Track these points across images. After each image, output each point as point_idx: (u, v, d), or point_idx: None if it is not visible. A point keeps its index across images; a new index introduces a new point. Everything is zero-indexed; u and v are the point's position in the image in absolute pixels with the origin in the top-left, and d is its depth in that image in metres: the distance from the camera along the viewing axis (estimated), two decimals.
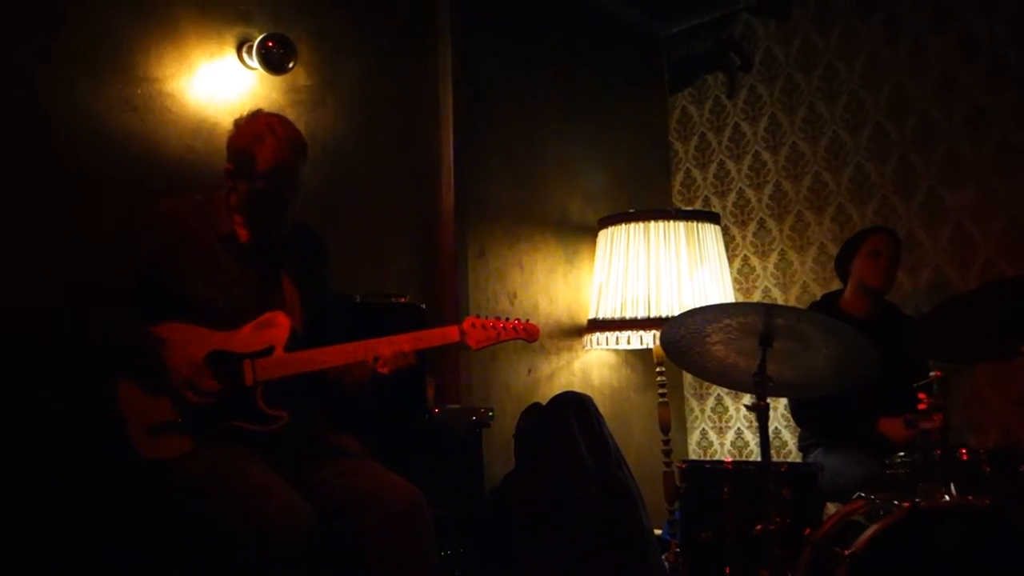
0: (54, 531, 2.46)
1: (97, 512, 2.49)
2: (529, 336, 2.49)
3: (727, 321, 2.40)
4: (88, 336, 2.41)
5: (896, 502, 2.21)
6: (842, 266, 3.54)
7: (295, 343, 2.36)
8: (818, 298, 3.74)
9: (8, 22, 2.60)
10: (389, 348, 2.34)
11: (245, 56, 3.06)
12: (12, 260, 2.55)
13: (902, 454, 2.54)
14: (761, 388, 2.36)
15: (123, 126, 2.81)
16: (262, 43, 2.99)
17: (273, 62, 3.02)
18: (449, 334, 2.42)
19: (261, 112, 2.42)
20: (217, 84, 3.02)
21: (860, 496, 2.39)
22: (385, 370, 2.33)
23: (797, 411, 3.49)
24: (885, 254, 3.40)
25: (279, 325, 2.35)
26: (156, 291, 2.35)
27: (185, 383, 2.21)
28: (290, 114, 2.48)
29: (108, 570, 2.46)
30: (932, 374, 2.28)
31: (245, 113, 2.42)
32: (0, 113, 2.57)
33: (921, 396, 2.27)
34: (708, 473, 2.81)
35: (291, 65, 3.06)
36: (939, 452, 2.27)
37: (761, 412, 2.38)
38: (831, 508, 2.92)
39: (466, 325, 2.43)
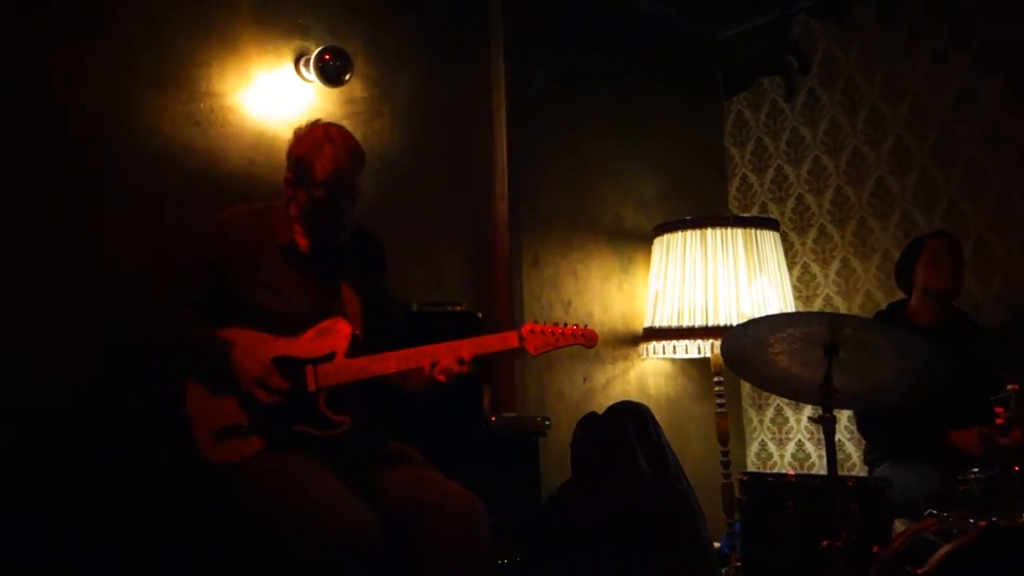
0: (122, 531, 2.50)
1: (164, 513, 2.53)
2: (588, 341, 2.47)
3: (790, 330, 2.34)
4: (157, 339, 2.45)
5: (971, 520, 2.13)
6: (903, 276, 3.45)
7: (356, 349, 2.37)
8: (883, 307, 3.65)
9: (79, 45, 2.67)
10: (448, 354, 2.33)
11: (303, 69, 3.10)
12: (82, 267, 2.62)
13: (976, 470, 2.44)
14: (827, 400, 2.30)
15: (186, 140, 2.86)
16: (319, 56, 3.02)
17: (330, 74, 3.05)
18: (508, 339, 2.42)
19: (320, 122, 2.44)
20: (276, 97, 3.06)
21: (931, 513, 2.31)
22: (442, 378, 2.33)
23: (863, 423, 3.41)
24: (946, 257, 3.31)
25: (340, 331, 2.36)
26: (220, 298, 2.39)
27: (256, 382, 2.24)
28: (347, 126, 2.48)
29: (172, 571, 2.49)
30: (1010, 387, 2.20)
31: (304, 124, 2.45)
32: (74, 132, 2.66)
33: (998, 410, 2.19)
34: (771, 486, 2.75)
35: (347, 77, 3.09)
36: (1016, 468, 2.18)
37: (827, 424, 2.31)
38: (899, 525, 2.83)
39: (524, 331, 2.42)
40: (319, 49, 3.04)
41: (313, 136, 2.37)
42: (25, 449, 2.46)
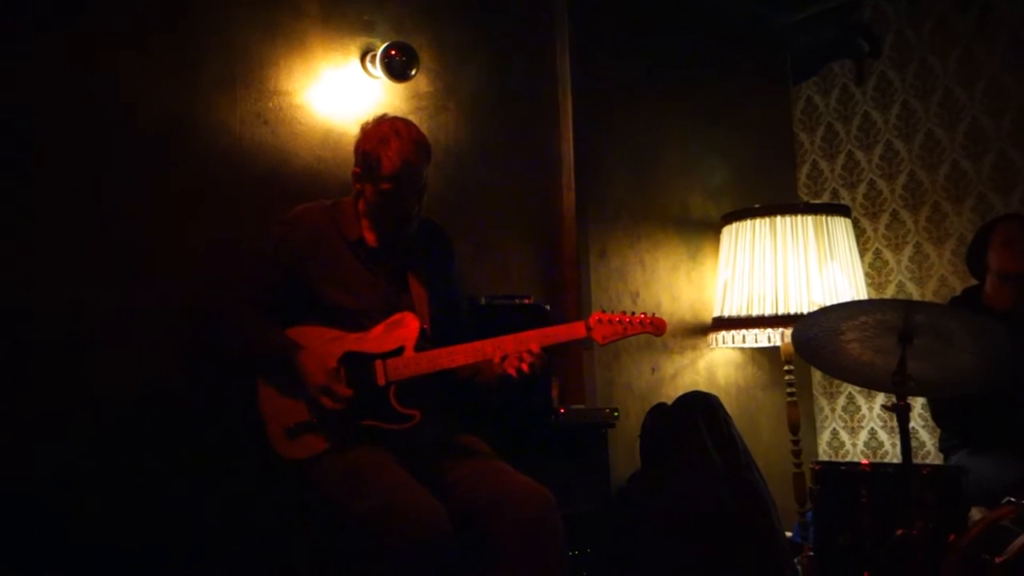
0: (194, 527, 2.59)
1: (237, 510, 2.61)
2: (656, 329, 2.46)
3: (863, 318, 2.30)
4: (228, 341, 2.51)
5: None
6: (975, 262, 3.37)
7: (424, 342, 2.40)
8: (958, 292, 3.56)
9: (151, 50, 2.76)
10: (516, 345, 2.35)
11: (369, 65, 3.14)
12: (156, 269, 2.71)
13: None
14: (901, 387, 2.26)
15: (256, 139, 2.93)
16: (385, 52, 3.06)
17: (396, 70, 3.08)
18: (576, 330, 2.42)
19: (387, 116, 2.48)
20: (343, 94, 3.11)
21: (1009, 501, 2.26)
22: (513, 372, 2.33)
23: (938, 411, 3.33)
24: (1019, 240, 3.22)
25: (408, 325, 2.39)
26: (290, 295, 2.44)
27: (320, 390, 2.27)
28: (413, 120, 2.52)
29: (247, 566, 2.57)
30: None
31: (371, 119, 2.48)
32: (148, 132, 2.74)
33: None
34: (844, 475, 2.70)
35: (413, 72, 3.12)
36: None
37: (901, 412, 2.27)
38: (975, 513, 2.76)
39: (592, 320, 2.43)
40: (385, 45, 3.07)
41: (380, 130, 2.40)
42: (99, 454, 2.54)
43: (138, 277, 2.67)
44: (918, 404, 3.88)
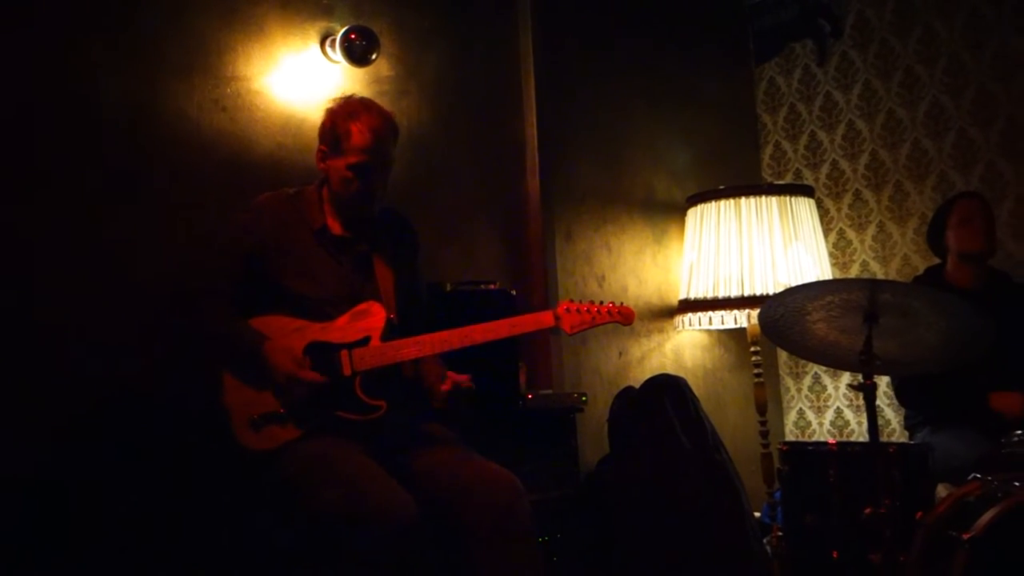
0: (158, 521, 2.55)
1: (202, 503, 2.57)
2: (624, 319, 2.45)
3: (829, 298, 2.31)
4: (190, 333, 2.47)
5: (1016, 483, 2.10)
6: (935, 240, 3.42)
7: (391, 332, 2.37)
8: (921, 271, 3.60)
9: (106, 36, 2.69)
10: (484, 335, 2.34)
11: (328, 50, 3.09)
12: (114, 260, 2.64)
13: (1020, 432, 2.41)
14: (867, 366, 2.27)
15: (215, 126, 2.87)
16: (344, 36, 3.02)
17: (356, 54, 3.04)
18: (544, 319, 2.41)
19: (353, 95, 2.46)
20: (303, 79, 3.06)
21: (975, 477, 2.28)
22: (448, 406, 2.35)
23: (901, 389, 3.37)
24: (976, 219, 3.26)
25: (375, 315, 2.37)
26: (253, 285, 2.40)
27: (289, 378, 2.24)
28: None
29: (213, 560, 2.53)
30: None
31: (335, 99, 2.45)
32: (104, 122, 2.68)
33: None
34: (811, 455, 2.73)
35: (374, 56, 3.08)
36: None
37: (868, 391, 2.29)
38: (942, 490, 2.80)
39: (560, 310, 2.41)
40: (344, 29, 3.03)
41: (348, 106, 2.39)
42: (67, 445, 2.50)
43: (95, 266, 2.61)
44: (883, 383, 3.93)
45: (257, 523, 2.41)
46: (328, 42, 3.09)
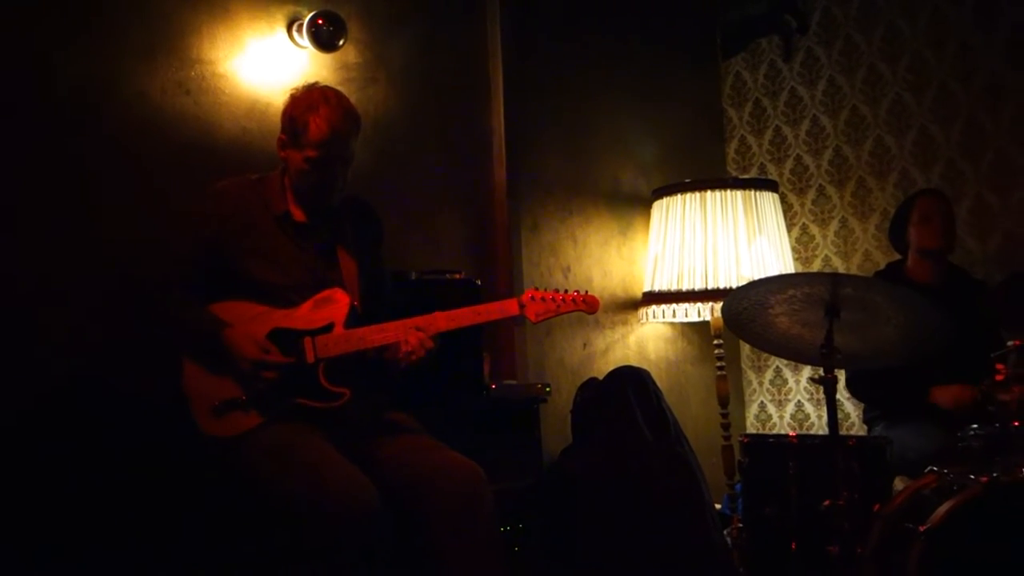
0: (120, 509, 2.51)
1: (162, 491, 2.53)
2: (589, 307, 2.46)
3: (792, 291, 2.33)
4: (151, 320, 2.43)
5: (972, 476, 2.14)
6: (897, 237, 3.46)
7: (354, 319, 2.35)
8: (882, 267, 3.65)
9: (65, 10, 2.62)
10: (448, 323, 2.33)
11: (295, 35, 3.06)
12: (73, 245, 2.59)
13: (975, 426, 2.45)
14: (828, 360, 2.30)
15: (178, 109, 2.83)
16: (312, 21, 2.99)
17: (323, 40, 3.01)
18: (509, 307, 2.41)
19: (317, 84, 2.41)
20: (269, 64, 3.02)
21: (931, 470, 2.32)
22: (413, 358, 2.31)
23: (852, 382, 3.42)
24: (936, 216, 3.31)
25: (338, 302, 2.35)
26: (215, 270, 2.37)
27: (252, 363, 2.22)
28: (342, 91, 2.46)
29: (175, 547, 2.50)
30: (1011, 343, 2.19)
31: (300, 86, 2.41)
32: (58, 101, 2.61)
33: (999, 366, 2.19)
34: (772, 447, 2.76)
35: (341, 43, 3.05)
36: (1016, 424, 2.19)
37: (829, 385, 2.31)
38: (899, 483, 2.84)
39: (525, 298, 2.41)
40: (312, 14, 3.00)
41: (309, 97, 2.34)
42: (23, 433, 2.45)
43: (55, 252, 2.56)
44: (843, 377, 3.98)
45: (219, 510, 2.38)
46: (295, 27, 3.05)
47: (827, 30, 4.24)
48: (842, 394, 4.06)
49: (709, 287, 3.69)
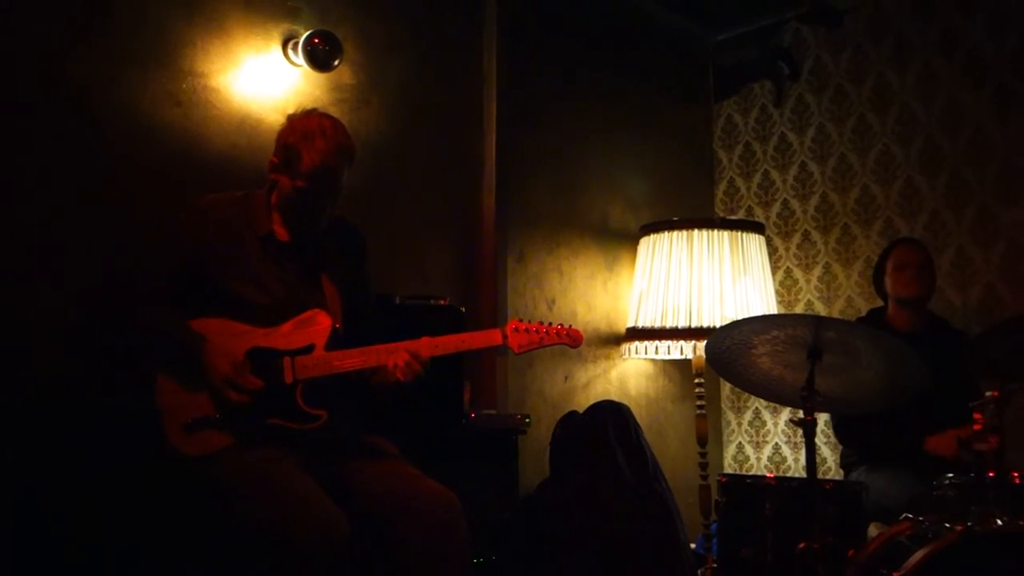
0: (88, 524, 2.46)
1: (133, 507, 2.48)
2: (572, 341, 2.45)
3: (775, 332, 2.33)
4: (127, 332, 2.40)
5: (947, 525, 2.13)
6: (878, 285, 3.48)
7: (335, 342, 2.33)
8: (864, 313, 3.66)
9: (56, 16, 2.61)
10: (431, 350, 2.31)
11: (291, 53, 3.06)
12: (54, 256, 2.56)
13: (951, 475, 2.45)
14: (809, 402, 2.29)
15: (167, 121, 2.81)
16: (308, 40, 2.98)
17: (319, 59, 3.01)
18: (492, 337, 2.39)
19: (316, 112, 2.38)
20: (262, 80, 3.02)
21: (907, 517, 2.31)
22: (401, 377, 2.28)
23: (839, 427, 3.42)
24: (911, 264, 3.33)
25: (320, 323, 2.32)
26: (197, 286, 2.34)
27: (227, 381, 2.19)
28: (334, 112, 2.46)
29: (140, 567, 2.45)
30: (989, 394, 2.20)
31: (299, 110, 2.40)
32: (46, 107, 2.59)
33: (976, 416, 2.19)
34: (749, 488, 2.74)
35: (336, 63, 3.05)
36: (992, 474, 2.19)
37: (808, 427, 2.31)
38: (873, 529, 2.83)
39: (509, 328, 2.40)
40: (308, 33, 2.99)
41: (307, 125, 2.31)
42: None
43: (35, 263, 2.52)
44: (821, 420, 3.98)
45: (187, 530, 2.34)
46: (291, 44, 3.05)
47: (818, 78, 4.30)
48: (820, 438, 4.07)
49: (692, 325, 3.70)
